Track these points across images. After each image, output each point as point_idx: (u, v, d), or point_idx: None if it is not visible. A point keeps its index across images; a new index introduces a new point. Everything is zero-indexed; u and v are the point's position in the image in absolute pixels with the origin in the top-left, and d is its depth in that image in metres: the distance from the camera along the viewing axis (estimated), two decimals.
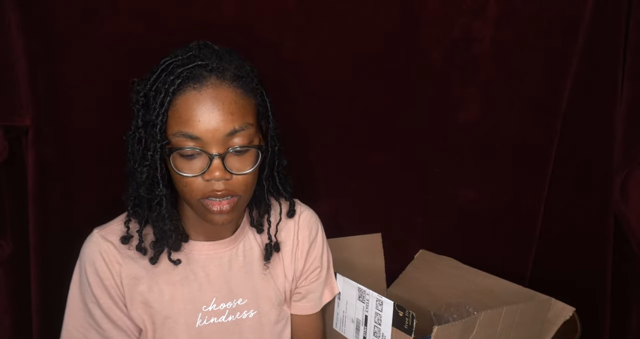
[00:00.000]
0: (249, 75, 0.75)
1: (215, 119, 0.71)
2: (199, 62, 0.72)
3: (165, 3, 1.03)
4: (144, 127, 0.74)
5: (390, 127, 1.28)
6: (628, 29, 1.19)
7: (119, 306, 0.80)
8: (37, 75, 0.96)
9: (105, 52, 1.01)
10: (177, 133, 0.72)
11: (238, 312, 0.87)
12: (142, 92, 0.74)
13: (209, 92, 0.71)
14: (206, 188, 0.73)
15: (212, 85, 0.71)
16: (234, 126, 0.72)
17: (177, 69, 0.72)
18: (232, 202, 0.75)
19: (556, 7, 1.25)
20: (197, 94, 0.71)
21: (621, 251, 1.26)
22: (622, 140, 1.22)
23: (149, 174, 0.75)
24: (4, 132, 0.94)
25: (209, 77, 0.71)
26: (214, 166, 0.72)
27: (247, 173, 0.75)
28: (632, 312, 1.25)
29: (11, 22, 0.91)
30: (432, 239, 1.38)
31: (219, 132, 0.71)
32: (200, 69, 0.72)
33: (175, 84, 0.71)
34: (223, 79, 0.72)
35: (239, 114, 0.72)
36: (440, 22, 1.22)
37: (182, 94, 0.71)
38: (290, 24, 1.13)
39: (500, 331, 0.96)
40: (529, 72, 1.31)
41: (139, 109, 0.74)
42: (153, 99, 0.72)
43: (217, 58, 0.73)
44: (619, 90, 1.21)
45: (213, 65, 0.72)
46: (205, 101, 0.71)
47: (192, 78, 0.71)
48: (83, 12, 0.98)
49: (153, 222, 0.79)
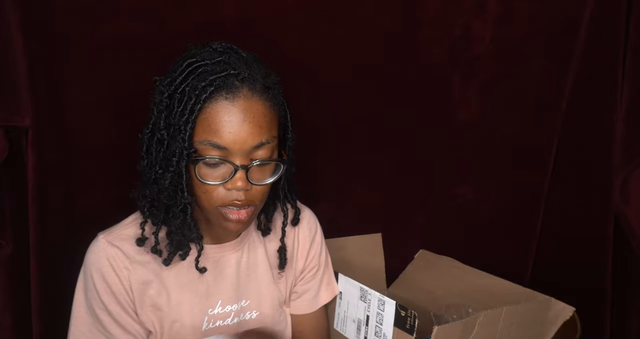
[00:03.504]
0: (275, 86, 0.75)
1: (245, 132, 0.70)
2: (231, 71, 0.71)
3: (165, 3, 1.03)
4: (166, 129, 0.73)
5: (390, 127, 1.28)
6: (628, 29, 1.19)
7: (127, 312, 0.80)
8: (37, 76, 0.95)
9: (105, 52, 1.01)
10: (205, 141, 0.71)
11: (242, 313, 0.87)
12: (167, 93, 0.73)
13: (241, 103, 0.70)
14: (227, 197, 0.73)
15: (244, 97, 0.71)
16: (262, 139, 0.72)
17: (207, 75, 0.71)
18: (250, 212, 0.76)
19: (556, 7, 1.25)
20: (230, 105, 0.70)
21: (621, 251, 1.26)
22: (622, 140, 1.22)
23: (172, 180, 0.74)
24: (4, 132, 0.94)
25: (241, 88, 0.71)
26: (237, 176, 0.72)
27: (266, 184, 0.75)
28: (632, 312, 1.25)
29: (11, 22, 0.91)
30: (432, 239, 1.38)
31: (247, 145, 0.71)
32: (232, 78, 0.71)
33: (207, 91, 0.70)
34: (254, 91, 0.72)
35: (266, 128, 0.72)
36: (440, 22, 1.22)
37: (214, 102, 0.70)
38: (290, 24, 1.13)
39: (500, 331, 0.96)
40: (529, 72, 1.31)
41: (161, 110, 0.73)
42: (179, 103, 0.71)
43: (247, 67, 0.73)
44: (619, 90, 1.21)
45: (245, 74, 0.71)
46: (237, 113, 0.70)
47: (225, 87, 0.70)
48: (83, 12, 0.98)
49: (176, 229, 0.78)
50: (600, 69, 1.25)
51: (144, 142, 0.77)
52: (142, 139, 0.77)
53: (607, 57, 1.22)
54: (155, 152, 0.75)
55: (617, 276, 1.27)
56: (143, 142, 0.77)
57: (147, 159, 0.77)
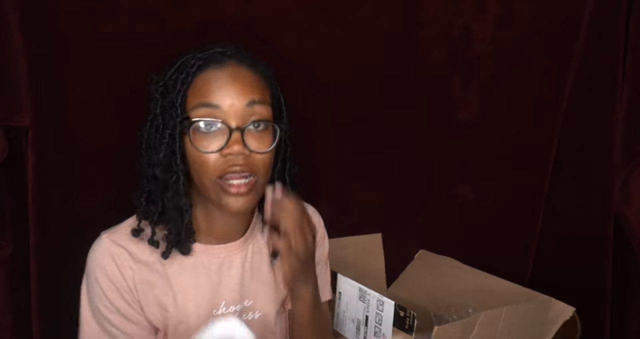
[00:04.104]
0: (264, 67, 0.78)
1: (236, 90, 0.72)
2: (217, 49, 0.75)
3: (165, 3, 1.03)
4: (161, 114, 0.75)
5: (390, 127, 1.28)
6: (628, 29, 1.19)
7: (133, 308, 0.79)
8: (37, 76, 0.95)
9: (105, 52, 1.01)
10: (198, 105, 0.73)
11: (244, 313, 0.87)
12: (162, 82, 0.75)
13: (229, 70, 0.73)
14: (224, 165, 0.72)
15: (232, 66, 0.74)
16: (253, 97, 0.73)
17: (197, 54, 0.74)
18: (251, 184, 0.74)
19: (556, 7, 1.25)
20: (218, 72, 0.73)
21: (621, 251, 1.26)
22: (622, 140, 1.22)
23: (166, 151, 0.74)
24: (4, 132, 0.94)
25: (228, 61, 0.74)
26: (233, 139, 0.71)
27: (265, 151, 0.74)
28: (632, 312, 1.25)
29: (11, 22, 0.91)
30: (432, 239, 1.38)
31: (239, 102, 0.72)
32: (219, 54, 0.74)
33: (196, 65, 0.73)
34: (242, 63, 0.75)
35: (257, 88, 0.74)
36: (440, 22, 1.22)
37: (203, 72, 0.73)
38: (290, 24, 1.13)
39: (500, 331, 0.96)
40: (529, 72, 1.31)
41: (157, 98, 0.75)
42: (173, 84, 0.74)
43: (234, 48, 0.76)
44: (619, 90, 1.21)
45: (231, 52, 0.75)
46: (225, 76, 0.73)
47: (213, 61, 0.74)
48: (83, 12, 0.98)
49: (169, 201, 0.77)
50: (600, 69, 1.25)
51: (143, 138, 0.77)
52: (140, 136, 0.78)
53: (607, 57, 1.22)
54: (153, 139, 0.76)
55: (617, 276, 1.27)
56: (142, 138, 0.77)
57: (145, 153, 0.77)
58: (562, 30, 1.27)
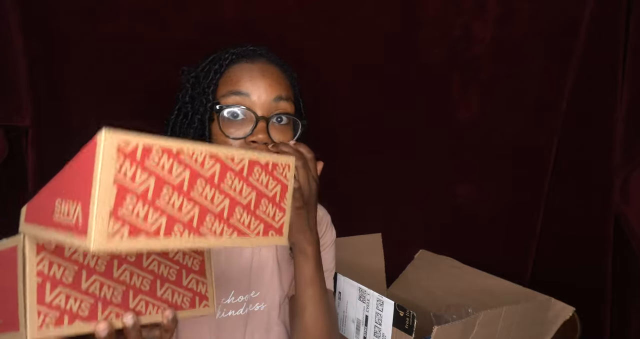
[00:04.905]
0: (290, 69, 0.83)
1: (265, 83, 0.76)
2: (250, 47, 0.80)
3: (165, 3, 1.03)
4: (191, 103, 0.79)
5: (390, 127, 1.28)
6: (628, 29, 1.19)
7: None
8: (37, 76, 0.95)
9: (105, 52, 1.01)
10: (227, 93, 0.76)
11: (251, 304, 0.88)
12: (194, 73, 0.80)
13: (260, 65, 0.78)
14: None
15: (262, 62, 0.79)
16: (281, 93, 0.77)
17: (230, 50, 0.80)
18: None
19: (556, 7, 1.25)
20: (250, 65, 0.78)
21: (621, 251, 1.26)
22: (622, 140, 1.22)
23: (194, 135, 0.78)
24: (4, 132, 0.94)
25: (259, 58, 0.79)
26: (259, 128, 0.75)
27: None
28: (632, 312, 1.25)
29: (11, 22, 0.91)
30: (432, 239, 1.38)
31: (267, 94, 0.76)
32: (251, 51, 0.80)
33: (229, 58, 0.78)
34: (271, 62, 0.80)
35: (285, 86, 0.79)
36: (440, 22, 1.22)
37: (236, 65, 0.78)
38: (290, 24, 1.13)
39: (500, 331, 0.96)
40: (529, 72, 1.31)
41: (187, 88, 0.80)
42: (205, 75, 0.78)
43: (265, 48, 0.82)
44: (619, 90, 1.21)
45: (262, 51, 0.81)
46: (256, 70, 0.77)
47: (245, 56, 0.79)
48: (83, 12, 0.98)
49: None
50: (600, 69, 1.25)
51: (169, 127, 0.81)
52: (166, 125, 0.81)
53: (607, 57, 1.22)
54: (180, 126, 0.80)
55: (617, 276, 1.27)
56: (167, 127, 0.81)
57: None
58: (562, 30, 1.27)
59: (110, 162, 0.41)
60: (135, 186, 0.42)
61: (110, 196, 0.40)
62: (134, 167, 0.42)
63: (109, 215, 0.40)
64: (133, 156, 0.42)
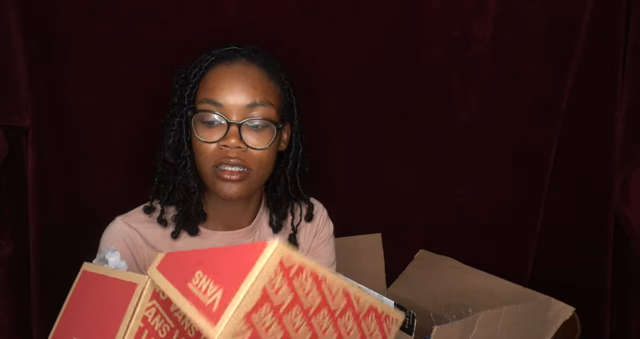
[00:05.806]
0: (276, 68, 0.84)
1: (238, 89, 0.78)
2: (233, 47, 0.82)
3: (165, 3, 1.03)
4: (178, 104, 0.82)
5: (390, 127, 1.28)
6: (628, 29, 1.19)
7: None
8: (37, 76, 0.96)
9: (105, 52, 1.01)
10: (203, 100, 0.79)
11: None
12: (183, 74, 0.83)
13: (237, 68, 0.80)
14: (220, 154, 0.78)
15: (241, 64, 0.80)
16: (255, 99, 0.79)
17: (213, 51, 0.82)
18: (243, 174, 0.79)
19: (556, 7, 1.25)
20: (227, 69, 0.80)
21: (621, 251, 1.26)
22: (622, 140, 1.22)
23: (174, 138, 0.82)
24: (4, 132, 0.94)
25: (240, 58, 0.81)
26: (231, 132, 0.77)
27: (261, 148, 0.79)
28: (632, 312, 1.25)
29: (11, 22, 0.91)
30: (432, 239, 1.38)
31: (240, 101, 0.78)
32: (233, 52, 0.82)
33: (209, 61, 0.81)
34: (252, 62, 0.81)
35: (261, 90, 0.80)
36: (440, 22, 1.22)
37: (214, 68, 0.81)
38: (290, 24, 1.13)
39: (500, 331, 0.96)
40: (529, 72, 1.31)
41: (177, 89, 0.83)
42: (186, 78, 0.82)
43: (251, 49, 0.83)
44: (619, 90, 1.21)
45: (246, 51, 0.82)
46: (232, 74, 0.79)
47: (225, 58, 0.81)
48: (83, 12, 0.98)
49: (179, 183, 0.83)
50: (600, 69, 1.25)
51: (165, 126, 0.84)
52: (164, 124, 0.84)
53: (607, 57, 1.22)
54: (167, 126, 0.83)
55: (617, 276, 1.27)
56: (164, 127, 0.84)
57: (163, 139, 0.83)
58: (562, 30, 1.27)
59: (269, 270, 0.43)
60: (276, 297, 0.44)
61: (253, 300, 0.42)
62: (284, 281, 0.44)
63: (244, 316, 0.42)
64: (288, 272, 0.44)
